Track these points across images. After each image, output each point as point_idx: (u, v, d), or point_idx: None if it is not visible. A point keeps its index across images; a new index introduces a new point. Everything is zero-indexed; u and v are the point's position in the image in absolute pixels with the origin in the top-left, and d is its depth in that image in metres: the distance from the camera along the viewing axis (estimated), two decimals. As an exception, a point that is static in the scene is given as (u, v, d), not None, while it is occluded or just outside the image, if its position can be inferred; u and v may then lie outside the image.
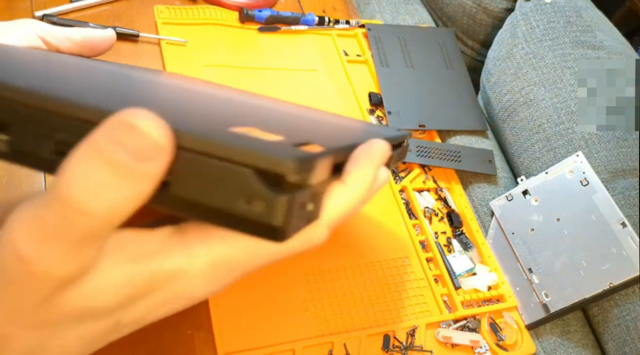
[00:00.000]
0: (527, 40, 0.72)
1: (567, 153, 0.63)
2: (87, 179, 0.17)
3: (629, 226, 0.52)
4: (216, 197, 0.19)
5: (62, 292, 0.19)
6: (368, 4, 0.90)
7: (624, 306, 0.56)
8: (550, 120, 0.66)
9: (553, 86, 0.67)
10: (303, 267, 0.53)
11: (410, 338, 0.52)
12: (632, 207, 0.59)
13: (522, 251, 0.59)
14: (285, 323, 0.49)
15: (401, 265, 0.57)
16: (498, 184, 0.68)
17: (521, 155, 0.69)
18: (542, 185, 0.60)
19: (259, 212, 0.19)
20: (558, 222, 0.57)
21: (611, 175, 0.61)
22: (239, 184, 0.18)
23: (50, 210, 0.18)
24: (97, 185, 0.18)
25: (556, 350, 0.57)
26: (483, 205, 0.66)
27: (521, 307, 0.58)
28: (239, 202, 0.19)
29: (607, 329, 0.57)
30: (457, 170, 0.67)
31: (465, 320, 0.55)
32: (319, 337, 0.49)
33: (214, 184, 0.19)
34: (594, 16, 0.74)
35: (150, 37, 0.63)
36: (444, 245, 0.61)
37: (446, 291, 0.57)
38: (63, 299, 0.19)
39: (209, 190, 0.19)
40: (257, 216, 0.19)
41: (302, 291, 0.51)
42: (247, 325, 0.47)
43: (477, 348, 0.53)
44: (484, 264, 0.61)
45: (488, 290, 0.59)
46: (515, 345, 0.55)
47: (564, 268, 0.56)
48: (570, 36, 0.70)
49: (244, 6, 0.71)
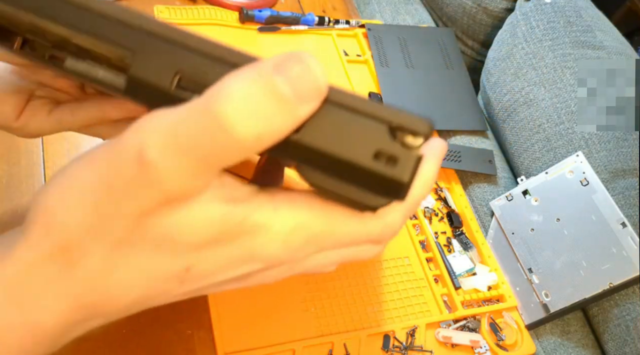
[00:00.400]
0: (527, 40, 0.72)
1: (567, 153, 0.63)
2: (245, 100, 0.17)
3: (629, 226, 0.52)
4: (345, 149, 0.19)
5: (159, 212, 0.19)
6: (368, 4, 0.90)
7: (624, 306, 0.56)
8: (550, 120, 0.66)
9: (553, 86, 0.67)
10: (303, 267, 0.53)
11: (410, 338, 0.52)
12: (632, 207, 0.59)
13: (522, 251, 0.59)
14: (285, 323, 0.49)
15: (401, 265, 0.57)
16: (498, 184, 0.68)
17: (521, 155, 0.69)
18: (542, 185, 0.60)
19: (387, 167, 0.19)
20: (558, 222, 0.57)
21: (611, 175, 0.61)
22: (372, 139, 0.19)
23: (193, 122, 0.18)
24: (253, 109, 0.17)
25: (556, 350, 0.57)
26: (483, 205, 0.66)
27: (521, 307, 0.58)
28: (367, 155, 0.19)
29: (607, 329, 0.57)
30: (457, 170, 0.67)
31: (465, 320, 0.55)
32: (319, 337, 0.49)
33: (347, 136, 0.19)
34: (594, 16, 0.74)
35: (150, 37, 0.63)
36: (444, 245, 0.61)
37: (446, 291, 0.57)
38: (156, 219, 0.19)
39: (340, 142, 0.19)
40: (384, 170, 0.19)
41: (302, 291, 0.51)
42: (247, 325, 0.47)
43: (477, 348, 0.53)
44: (484, 264, 0.61)
45: (488, 290, 0.59)
46: (515, 345, 0.55)
47: (564, 268, 0.56)
48: (570, 36, 0.70)
49: (244, 6, 0.71)
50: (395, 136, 0.19)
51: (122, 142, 0.18)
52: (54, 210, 0.19)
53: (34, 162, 0.50)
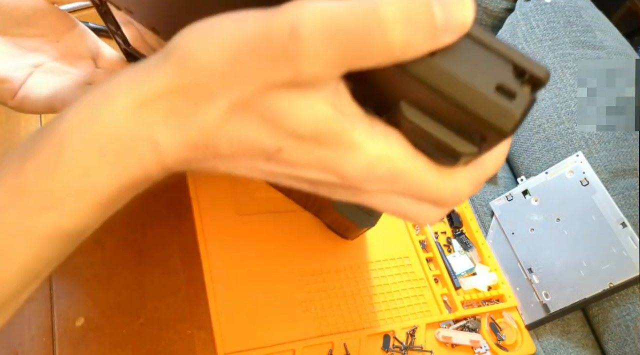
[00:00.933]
0: (527, 40, 0.72)
1: (567, 153, 0.63)
2: (406, 9, 0.19)
3: (629, 226, 0.52)
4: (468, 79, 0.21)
5: (282, 90, 0.20)
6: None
7: (624, 306, 0.56)
8: (550, 120, 0.66)
9: (553, 86, 0.67)
10: (303, 268, 0.53)
11: (410, 338, 0.52)
12: (632, 207, 0.59)
13: (522, 251, 0.59)
14: (285, 323, 0.49)
15: (401, 265, 0.57)
16: (498, 184, 0.68)
17: (521, 155, 0.69)
18: (542, 185, 0.60)
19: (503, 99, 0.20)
20: (558, 222, 0.57)
21: (611, 175, 0.61)
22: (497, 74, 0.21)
23: (354, 13, 0.19)
24: (410, 19, 0.19)
25: (556, 350, 0.57)
26: (483, 205, 0.66)
27: (521, 307, 0.58)
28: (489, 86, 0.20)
29: (607, 329, 0.57)
30: (457, 170, 0.67)
31: (465, 320, 0.55)
32: (319, 337, 0.49)
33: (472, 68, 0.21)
34: (594, 16, 0.74)
35: (150, 37, 0.63)
36: (444, 245, 0.61)
37: (446, 291, 0.57)
38: (276, 95, 0.21)
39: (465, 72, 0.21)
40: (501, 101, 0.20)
41: (302, 291, 0.51)
42: (247, 325, 0.47)
43: (477, 348, 0.53)
44: (484, 264, 0.61)
45: (488, 290, 0.59)
46: (515, 345, 0.55)
47: (564, 268, 0.56)
48: (570, 36, 0.70)
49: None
50: (518, 76, 0.21)
51: (280, 11, 0.20)
52: (196, 52, 0.21)
53: (34, 162, 0.50)
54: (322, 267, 0.53)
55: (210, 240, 0.51)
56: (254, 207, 0.54)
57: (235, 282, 0.49)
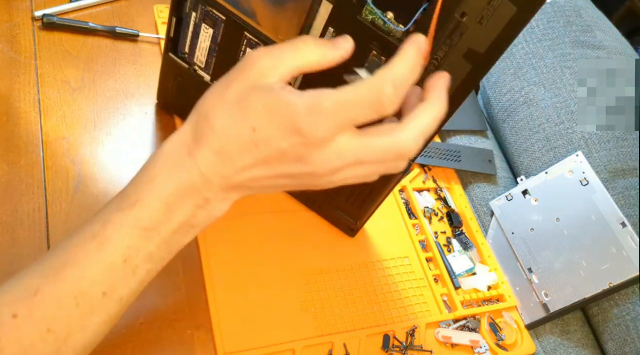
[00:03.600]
0: (527, 40, 0.72)
1: (567, 153, 0.63)
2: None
3: (629, 226, 0.52)
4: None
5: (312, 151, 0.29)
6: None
7: (624, 306, 0.56)
8: (550, 120, 0.66)
9: (553, 86, 0.67)
10: (303, 268, 0.53)
11: (410, 338, 0.52)
12: (632, 207, 0.59)
13: (522, 251, 0.59)
14: (285, 323, 0.49)
15: (401, 265, 0.57)
16: (498, 184, 0.68)
17: (521, 155, 0.69)
18: (542, 185, 0.60)
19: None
20: (558, 222, 0.57)
21: (611, 175, 0.61)
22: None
23: (365, 106, 0.29)
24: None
25: (556, 350, 0.57)
26: (483, 205, 0.66)
27: (521, 307, 0.58)
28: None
29: (607, 329, 0.57)
30: (457, 170, 0.67)
31: (465, 320, 0.55)
32: (319, 337, 0.49)
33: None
34: (594, 16, 0.74)
35: (150, 37, 0.63)
36: (444, 245, 0.61)
37: (446, 291, 0.57)
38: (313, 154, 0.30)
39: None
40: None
41: (302, 291, 0.51)
42: (247, 325, 0.47)
43: (477, 348, 0.53)
44: (484, 264, 0.61)
45: (488, 290, 0.59)
46: (515, 345, 0.55)
47: (564, 268, 0.56)
48: (570, 36, 0.70)
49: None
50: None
51: (304, 96, 0.29)
52: (209, 115, 0.30)
53: (34, 162, 0.50)
54: (322, 267, 0.53)
55: (210, 240, 0.51)
56: (254, 207, 0.54)
57: (235, 282, 0.49)
